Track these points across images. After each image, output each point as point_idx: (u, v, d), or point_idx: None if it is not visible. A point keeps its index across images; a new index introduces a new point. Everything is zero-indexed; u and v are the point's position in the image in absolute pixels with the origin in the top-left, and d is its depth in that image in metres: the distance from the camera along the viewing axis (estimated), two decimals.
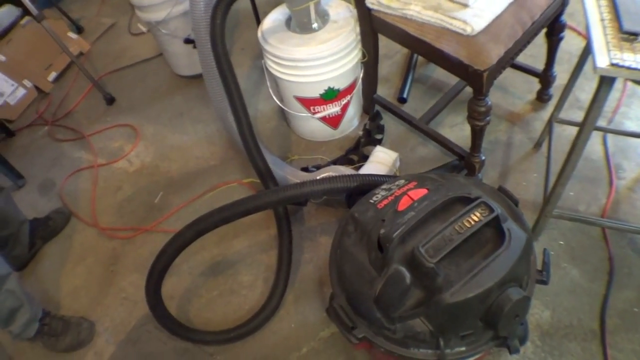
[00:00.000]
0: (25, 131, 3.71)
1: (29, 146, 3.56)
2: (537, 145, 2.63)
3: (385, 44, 2.50)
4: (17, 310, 2.20)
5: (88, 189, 3.10)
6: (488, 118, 2.20)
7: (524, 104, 2.86)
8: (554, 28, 2.45)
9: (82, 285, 2.65)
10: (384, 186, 1.71)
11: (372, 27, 2.42)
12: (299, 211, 2.62)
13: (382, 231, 1.45)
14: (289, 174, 2.52)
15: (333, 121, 2.82)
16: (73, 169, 3.25)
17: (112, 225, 2.87)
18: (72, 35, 4.18)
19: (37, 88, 3.96)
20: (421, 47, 2.17)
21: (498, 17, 2.03)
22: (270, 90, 2.80)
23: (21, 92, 3.85)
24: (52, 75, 4.01)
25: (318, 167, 2.63)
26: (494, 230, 1.44)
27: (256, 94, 3.34)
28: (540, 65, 2.72)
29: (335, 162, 2.73)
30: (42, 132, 3.65)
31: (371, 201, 1.64)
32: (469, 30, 1.97)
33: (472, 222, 1.42)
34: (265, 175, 2.38)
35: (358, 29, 2.52)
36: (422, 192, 1.57)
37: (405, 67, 3.19)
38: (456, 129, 2.80)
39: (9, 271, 2.18)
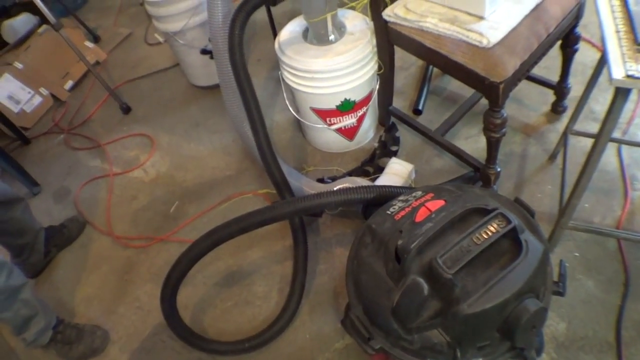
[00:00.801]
0: (42, 139, 3.73)
1: (45, 154, 3.58)
2: (552, 157, 2.63)
3: (400, 55, 2.51)
4: (31, 319, 2.21)
5: (103, 198, 3.11)
6: (504, 130, 2.20)
7: (539, 115, 2.86)
8: (568, 40, 2.45)
9: (96, 293, 2.65)
10: (400, 197, 1.71)
11: (388, 39, 2.42)
12: (314, 222, 2.62)
13: (399, 242, 1.45)
14: (305, 185, 2.52)
15: (349, 133, 2.82)
16: (88, 178, 3.27)
17: (127, 234, 2.87)
18: (89, 44, 4.21)
19: (53, 96, 3.99)
20: (437, 59, 2.17)
21: (514, 30, 2.04)
22: (287, 102, 2.81)
23: (38, 100, 3.88)
24: (69, 83, 4.04)
25: (334, 179, 2.63)
26: (511, 242, 1.43)
27: (272, 104, 3.35)
28: (555, 77, 2.71)
29: (350, 174, 2.73)
30: (58, 140, 3.67)
31: (388, 212, 1.64)
32: (485, 42, 1.98)
33: (490, 234, 1.42)
34: (282, 186, 2.38)
35: (374, 41, 2.52)
36: (440, 203, 1.57)
37: (421, 78, 3.20)
38: (471, 141, 2.80)
39: (25, 281, 2.20)
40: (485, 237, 1.41)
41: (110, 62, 4.27)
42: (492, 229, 1.43)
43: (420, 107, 3.00)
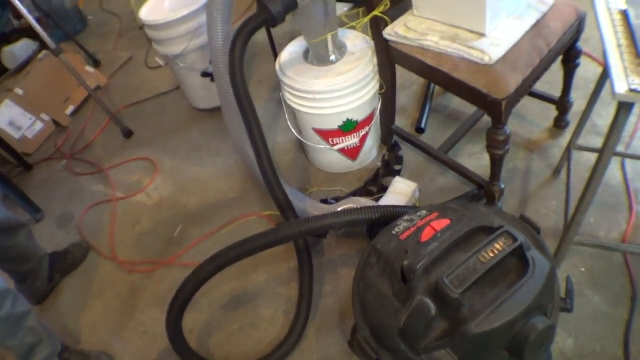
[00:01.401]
0: (43, 164, 3.74)
1: (47, 179, 3.59)
2: (556, 172, 2.62)
3: (401, 73, 2.52)
4: (36, 346, 2.19)
5: (106, 223, 3.11)
6: (507, 147, 2.19)
7: (541, 131, 2.85)
8: (570, 54, 2.45)
9: (101, 318, 2.64)
10: (405, 217, 1.71)
11: (389, 57, 2.43)
12: (318, 243, 2.61)
13: (405, 262, 1.44)
14: (309, 206, 2.51)
15: (351, 153, 2.82)
16: (91, 202, 3.27)
17: (130, 258, 2.86)
18: (89, 68, 4.23)
19: (54, 121, 3.99)
20: (439, 77, 2.17)
21: (515, 45, 2.04)
22: (289, 123, 2.81)
23: (39, 125, 3.89)
24: (70, 108, 4.05)
25: (337, 199, 2.62)
26: (518, 259, 1.43)
27: (274, 126, 3.35)
28: (556, 92, 2.71)
29: (354, 194, 2.72)
30: (59, 165, 3.68)
31: (393, 232, 1.64)
32: (486, 59, 1.98)
33: (496, 252, 1.41)
34: (285, 207, 2.37)
35: (375, 60, 2.53)
36: (445, 222, 1.56)
37: (422, 97, 3.20)
38: (475, 158, 2.79)
39: (29, 308, 2.18)
40: (492, 255, 1.41)
41: (111, 86, 4.28)
42: (498, 247, 1.42)
43: (422, 126, 3.00)
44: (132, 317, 2.60)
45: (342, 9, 3.62)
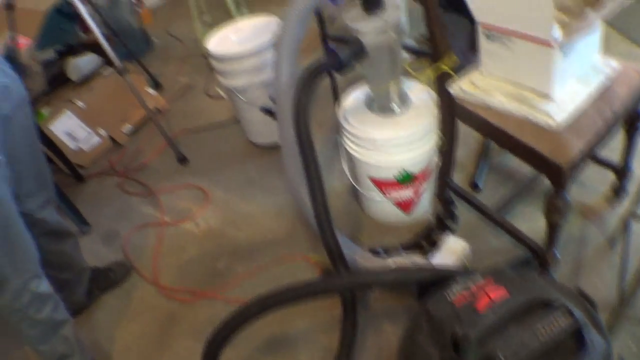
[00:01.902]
0: (96, 179, 3.79)
1: (98, 194, 3.63)
2: (612, 242, 2.54)
3: (459, 127, 2.48)
4: (66, 357, 2.21)
5: (152, 246, 3.12)
6: (567, 214, 2.14)
7: (598, 197, 2.77)
8: (633, 120, 2.38)
9: (135, 342, 2.64)
10: (459, 280, 1.67)
11: (451, 113, 2.40)
12: (366, 294, 2.57)
13: (459, 331, 1.41)
14: (359, 257, 2.47)
15: (405, 205, 2.79)
16: (139, 224, 3.29)
17: (172, 285, 2.86)
18: (151, 90, 4.29)
19: (111, 138, 4.04)
20: (501, 137, 2.13)
21: (580, 109, 2.00)
22: (345, 168, 2.80)
23: (95, 140, 3.95)
24: (127, 127, 4.10)
25: (387, 251, 2.59)
26: (574, 337, 1.39)
27: (328, 169, 3.32)
28: (616, 158, 2.63)
29: (404, 247, 2.68)
30: (112, 182, 3.72)
31: (446, 296, 1.61)
32: (552, 123, 1.94)
33: (553, 329, 1.38)
34: (337, 257, 2.31)
35: (437, 114, 2.50)
36: (501, 291, 1.53)
37: (480, 153, 3.16)
38: (530, 221, 2.71)
39: (68, 318, 2.22)
40: (549, 332, 1.38)
41: (170, 110, 4.33)
42: (555, 324, 1.40)
43: (478, 183, 2.96)
44: (167, 345, 2.59)
45: (406, 58, 3.62)
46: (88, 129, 3.90)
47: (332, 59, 2.14)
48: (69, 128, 3.82)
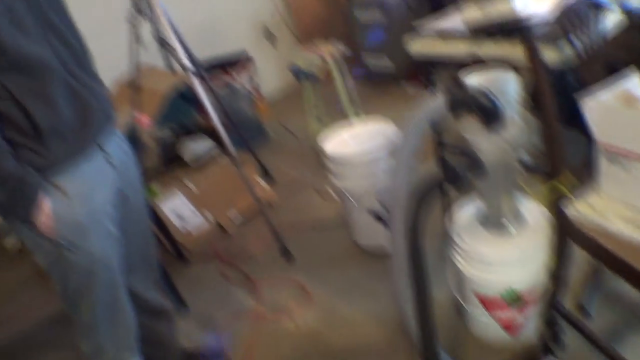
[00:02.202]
0: (199, 262, 3.86)
1: (199, 278, 3.70)
2: None
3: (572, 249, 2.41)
4: None
5: (247, 338, 3.12)
6: None
7: None
8: None
9: None
10: None
11: (566, 234, 2.34)
12: None
13: None
14: None
15: (511, 327, 2.69)
16: (237, 313, 3.31)
17: None
18: (261, 181, 4.38)
19: (217, 223, 4.13)
20: (617, 264, 2.05)
21: None
22: (449, 281, 2.75)
23: (203, 224, 4.06)
24: (234, 214, 4.19)
25: None
26: None
27: (432, 279, 3.26)
28: None
29: None
30: (214, 267, 3.79)
31: None
32: None
33: None
34: None
35: (549, 234, 2.45)
36: None
37: (591, 276, 3.04)
38: None
39: None
40: None
41: (278, 203, 4.39)
42: None
43: (589, 309, 2.84)
44: None
45: (521, 174, 3.58)
46: (197, 212, 4.00)
47: (449, 173, 2.13)
48: (178, 208, 3.94)
